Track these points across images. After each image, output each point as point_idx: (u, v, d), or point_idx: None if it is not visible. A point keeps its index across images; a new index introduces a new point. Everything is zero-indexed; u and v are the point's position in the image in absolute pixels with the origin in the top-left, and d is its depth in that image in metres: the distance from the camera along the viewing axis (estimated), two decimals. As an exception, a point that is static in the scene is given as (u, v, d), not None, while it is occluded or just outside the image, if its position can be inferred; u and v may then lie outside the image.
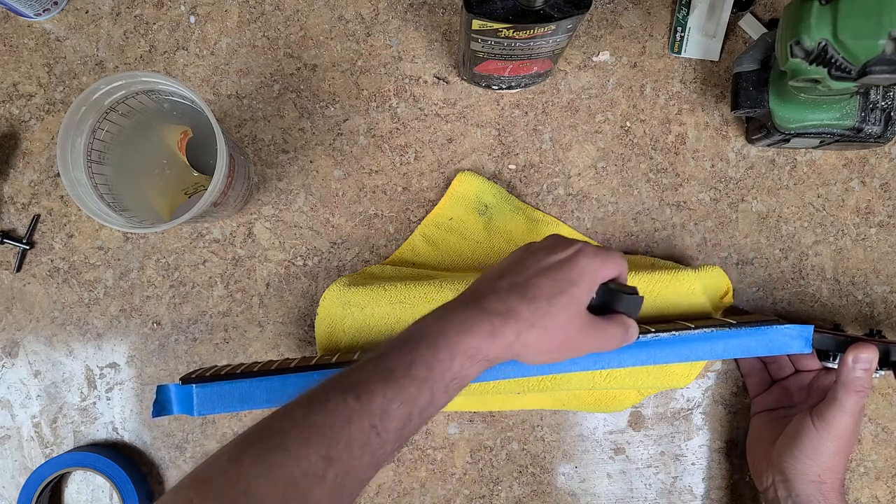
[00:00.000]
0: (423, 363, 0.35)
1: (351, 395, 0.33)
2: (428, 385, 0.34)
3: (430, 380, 0.34)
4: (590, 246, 0.40)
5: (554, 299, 0.37)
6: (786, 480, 0.49)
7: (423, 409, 0.34)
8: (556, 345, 0.38)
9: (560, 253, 0.40)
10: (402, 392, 0.34)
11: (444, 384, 0.35)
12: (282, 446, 0.31)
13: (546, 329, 0.37)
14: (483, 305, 0.37)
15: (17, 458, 0.58)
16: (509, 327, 0.36)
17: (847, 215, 0.59)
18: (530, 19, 0.44)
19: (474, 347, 0.36)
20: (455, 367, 0.35)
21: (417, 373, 0.34)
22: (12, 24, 0.58)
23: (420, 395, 0.34)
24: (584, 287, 0.39)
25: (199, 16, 0.58)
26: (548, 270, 0.39)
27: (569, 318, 0.38)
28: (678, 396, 0.59)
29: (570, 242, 0.41)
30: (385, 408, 0.33)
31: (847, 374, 0.47)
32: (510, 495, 0.59)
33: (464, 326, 0.36)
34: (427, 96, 0.59)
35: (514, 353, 0.37)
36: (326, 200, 0.58)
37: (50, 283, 0.58)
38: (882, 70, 0.40)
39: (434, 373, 0.35)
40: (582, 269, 0.39)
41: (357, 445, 0.32)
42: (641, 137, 0.59)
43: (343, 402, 0.33)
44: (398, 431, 0.34)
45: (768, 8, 0.59)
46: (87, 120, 0.47)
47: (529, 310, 0.37)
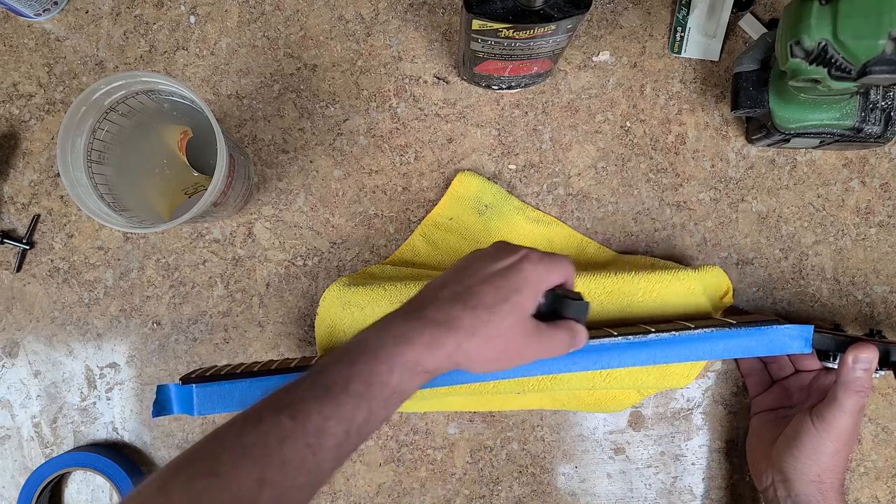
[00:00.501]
0: (361, 378, 0.34)
1: (285, 415, 0.32)
2: (366, 400, 0.34)
3: (368, 395, 0.34)
4: (535, 252, 0.40)
5: (496, 307, 0.37)
6: (785, 480, 0.49)
7: (361, 425, 0.34)
8: (499, 353, 0.38)
9: (504, 260, 0.39)
10: (340, 409, 0.33)
11: (382, 399, 0.34)
12: (211, 472, 0.30)
13: (488, 337, 0.37)
14: (423, 315, 0.37)
15: (17, 458, 0.58)
16: (450, 337, 0.36)
17: (847, 215, 0.59)
18: (530, 19, 0.44)
19: (413, 359, 0.35)
20: (394, 381, 0.35)
21: (355, 388, 0.34)
22: (12, 24, 0.58)
23: (358, 411, 0.33)
24: (527, 294, 0.38)
25: (199, 16, 0.58)
26: (491, 278, 0.38)
27: (511, 325, 0.37)
28: (678, 396, 0.59)
29: (515, 249, 0.40)
30: (321, 426, 0.32)
31: (847, 373, 0.47)
32: (510, 495, 0.59)
33: (403, 338, 0.35)
34: (427, 96, 0.59)
35: (456, 362, 0.37)
36: (326, 200, 0.58)
37: (50, 283, 0.58)
38: (882, 70, 0.40)
39: (373, 387, 0.34)
40: (526, 276, 0.38)
41: (292, 466, 0.31)
42: (641, 137, 0.59)
43: (277, 422, 0.32)
44: (336, 450, 0.33)
45: (768, 8, 0.59)
46: (87, 120, 0.47)
47: (470, 318, 0.36)
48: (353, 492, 0.59)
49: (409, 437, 0.59)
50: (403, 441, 0.59)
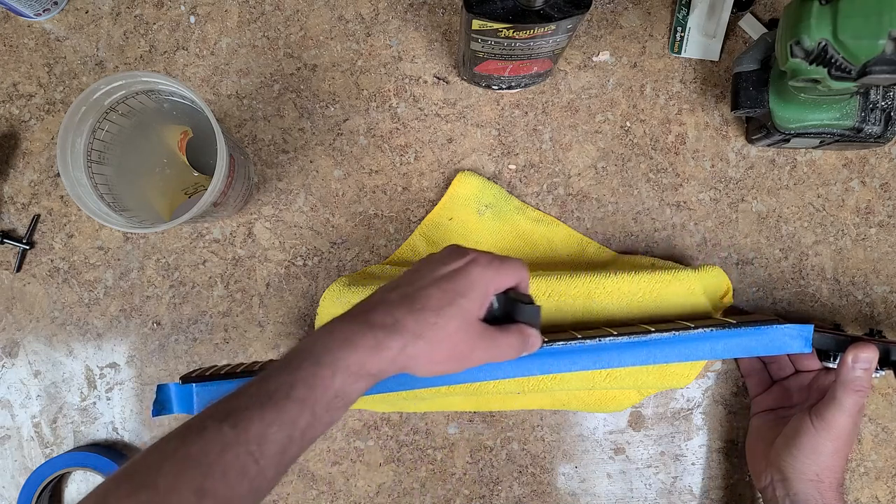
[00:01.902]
0: (304, 383, 0.34)
1: (227, 424, 0.32)
2: (309, 405, 0.34)
3: (311, 400, 0.34)
4: (485, 256, 0.40)
5: (442, 310, 0.37)
6: (784, 479, 0.49)
7: (304, 430, 0.34)
8: (445, 356, 0.38)
9: (453, 263, 0.39)
10: (282, 415, 0.33)
11: (325, 403, 0.34)
12: (150, 484, 0.30)
13: (433, 341, 0.37)
14: (369, 318, 0.37)
15: (17, 458, 0.58)
16: (394, 340, 0.36)
17: (847, 215, 0.59)
18: (530, 19, 0.44)
19: (357, 363, 0.35)
20: (337, 385, 0.35)
21: (298, 394, 0.34)
22: (12, 24, 0.58)
23: (300, 416, 0.33)
24: (474, 298, 0.38)
25: (199, 16, 0.58)
26: (439, 281, 0.38)
27: (457, 329, 0.37)
28: (678, 396, 0.59)
29: (465, 253, 0.40)
30: (263, 433, 0.32)
31: (846, 373, 0.47)
32: (510, 495, 0.59)
33: (347, 342, 0.35)
34: (427, 96, 0.59)
35: (401, 365, 0.37)
36: (326, 200, 0.58)
37: (50, 283, 0.58)
38: (882, 70, 0.40)
39: (316, 392, 0.34)
40: (473, 279, 0.38)
41: (234, 475, 0.31)
42: (641, 137, 0.59)
43: (219, 430, 0.32)
44: (278, 456, 0.33)
45: (768, 8, 0.59)
46: (87, 120, 0.47)
47: (416, 321, 0.36)
48: (353, 492, 0.59)
49: (409, 437, 0.59)
50: (403, 441, 0.59)
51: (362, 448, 0.58)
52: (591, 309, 0.52)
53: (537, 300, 0.51)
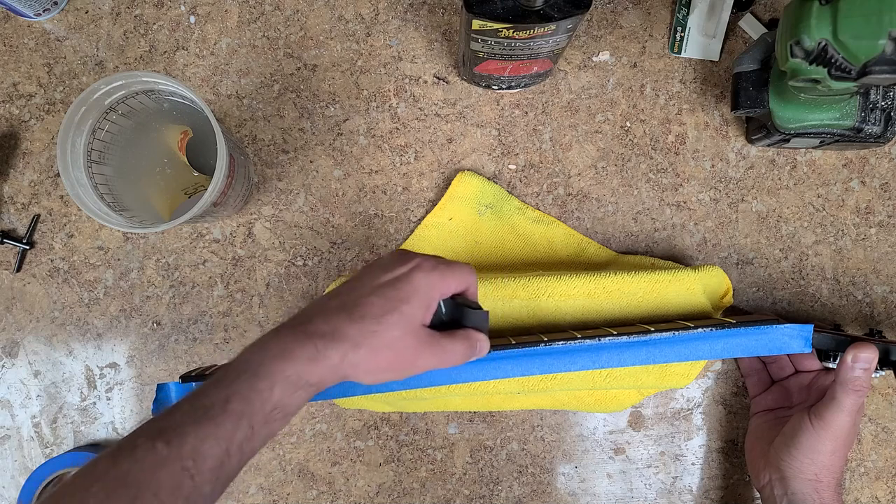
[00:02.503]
0: (240, 396, 0.33)
1: (161, 441, 0.31)
2: (246, 419, 0.33)
3: (247, 413, 0.33)
4: (430, 261, 0.39)
5: (383, 318, 0.37)
6: (782, 479, 0.49)
7: (242, 444, 0.33)
8: (388, 364, 0.37)
9: (396, 270, 0.39)
10: (218, 430, 0.32)
11: (263, 415, 0.34)
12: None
13: (374, 348, 0.36)
14: (307, 328, 0.36)
15: (17, 458, 0.58)
16: (333, 349, 0.35)
17: (847, 215, 0.59)
18: (530, 19, 0.44)
19: (296, 373, 0.35)
20: (275, 397, 0.34)
21: (234, 407, 0.33)
22: (12, 24, 0.58)
23: (237, 430, 0.33)
24: (416, 304, 0.38)
25: (199, 16, 0.58)
26: (381, 288, 0.38)
27: (399, 336, 0.37)
28: (678, 396, 0.59)
29: (410, 259, 0.39)
30: (198, 449, 0.32)
31: (846, 373, 0.47)
32: (510, 495, 0.59)
33: (285, 352, 0.35)
34: (427, 96, 0.59)
35: (343, 374, 0.36)
36: (326, 200, 0.58)
37: (50, 283, 0.58)
38: (882, 70, 0.40)
39: (253, 405, 0.33)
40: (416, 286, 0.38)
41: (167, 493, 0.31)
42: (641, 137, 0.59)
43: (151, 448, 0.31)
44: (215, 471, 0.32)
45: (768, 8, 0.59)
46: (87, 120, 0.47)
47: (356, 329, 0.36)
48: (353, 492, 0.59)
49: (409, 437, 0.59)
50: (403, 441, 0.59)
51: (362, 448, 0.58)
52: (592, 309, 0.52)
53: (538, 300, 0.51)
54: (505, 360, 0.47)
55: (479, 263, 0.58)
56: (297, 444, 0.58)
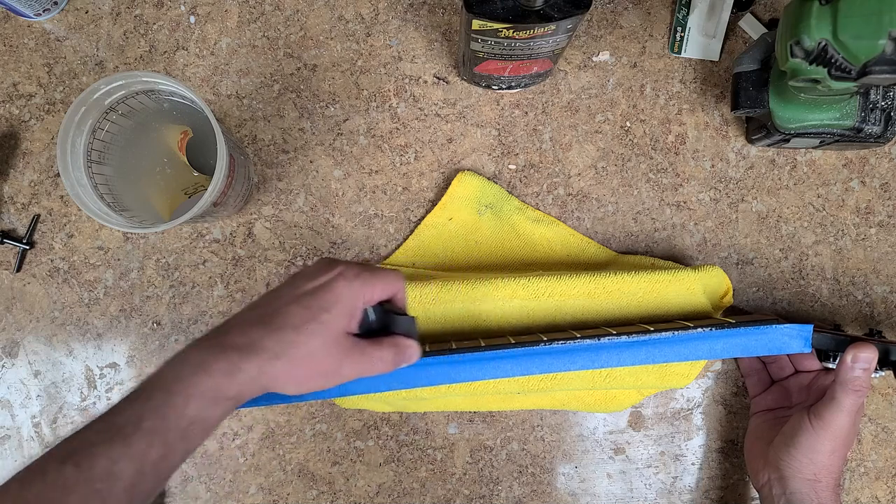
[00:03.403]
0: (154, 413, 0.33)
1: (70, 463, 0.31)
2: (160, 436, 0.33)
3: (162, 430, 0.33)
4: (353, 269, 0.39)
5: (303, 327, 0.36)
6: (781, 478, 0.49)
7: (156, 463, 0.33)
8: (309, 373, 0.37)
9: (319, 278, 0.38)
10: (130, 449, 0.32)
11: (179, 431, 0.33)
12: None
13: (294, 359, 0.36)
14: (224, 341, 0.36)
15: (17, 458, 0.58)
16: (250, 362, 0.35)
17: (847, 215, 0.59)
18: (530, 19, 0.44)
19: (212, 388, 0.34)
20: (191, 412, 0.34)
21: (148, 425, 0.33)
22: (12, 24, 0.58)
23: (151, 448, 0.32)
24: (339, 312, 0.37)
25: (199, 16, 0.58)
26: (301, 297, 0.37)
27: (321, 345, 0.37)
28: (678, 396, 0.59)
29: (333, 266, 0.39)
30: (109, 470, 0.31)
31: (846, 373, 0.47)
32: (510, 495, 0.59)
33: (200, 367, 0.34)
34: (427, 96, 0.59)
35: (263, 385, 0.36)
36: (326, 200, 0.58)
37: (50, 283, 0.58)
38: (882, 70, 0.40)
39: (167, 422, 0.33)
40: (338, 294, 0.38)
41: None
42: (641, 137, 0.59)
43: (60, 472, 0.31)
44: (128, 491, 0.32)
45: (768, 8, 0.59)
46: (87, 120, 0.47)
47: (274, 340, 0.36)
48: (353, 492, 0.59)
49: (409, 437, 0.59)
50: (403, 441, 0.59)
51: (362, 448, 0.59)
52: (591, 309, 0.52)
53: (538, 300, 0.51)
54: (504, 360, 0.47)
55: (479, 263, 0.58)
56: (297, 444, 0.58)
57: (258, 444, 0.58)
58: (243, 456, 0.58)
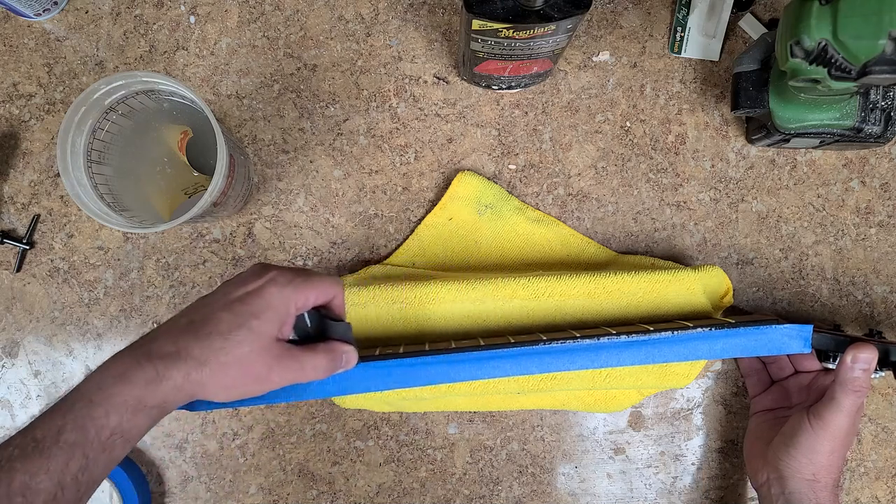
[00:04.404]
0: (74, 425, 0.32)
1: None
2: (80, 449, 0.32)
3: (81, 443, 0.32)
4: (285, 274, 0.39)
5: (231, 334, 0.36)
6: (780, 478, 0.49)
7: (76, 475, 0.32)
8: (238, 380, 0.36)
9: (250, 284, 0.38)
10: (49, 463, 0.31)
11: (100, 443, 0.33)
12: None
13: (221, 365, 0.35)
14: (150, 348, 0.35)
15: (17, 458, 0.58)
16: (175, 369, 0.35)
17: (847, 215, 0.59)
18: (530, 19, 0.44)
19: (135, 397, 0.34)
20: (113, 423, 0.33)
21: (67, 438, 0.32)
22: (12, 24, 0.58)
23: (71, 461, 0.32)
24: (269, 318, 0.37)
25: (199, 16, 0.58)
26: (231, 304, 0.37)
27: (249, 351, 0.36)
28: (678, 396, 0.59)
29: (265, 272, 0.39)
30: (27, 484, 0.31)
31: (845, 373, 0.47)
32: (510, 495, 0.59)
33: (122, 377, 0.34)
34: (427, 96, 0.59)
35: (189, 393, 0.35)
36: (326, 200, 0.58)
37: (50, 283, 0.58)
38: (882, 70, 0.40)
39: (87, 434, 0.33)
40: (268, 300, 0.37)
41: None
42: (641, 137, 0.59)
43: None
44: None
45: (768, 8, 0.59)
46: (87, 120, 0.47)
47: (201, 347, 0.35)
48: (353, 492, 0.59)
49: (409, 437, 0.59)
50: (403, 441, 0.59)
51: (362, 448, 0.59)
52: (591, 309, 0.52)
53: (538, 300, 0.51)
54: (504, 360, 0.47)
55: (479, 263, 0.58)
56: (297, 444, 0.58)
57: (258, 444, 0.58)
58: (243, 456, 0.58)
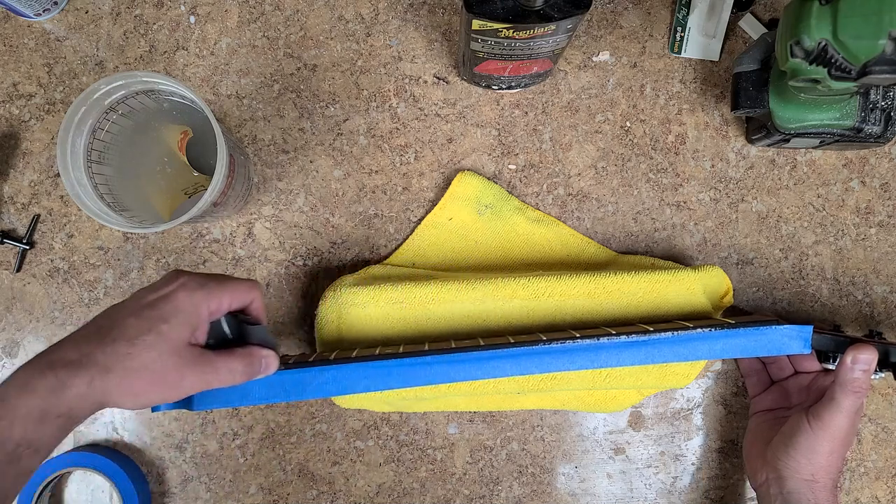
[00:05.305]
0: None
1: None
2: None
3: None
4: (197, 279, 0.38)
5: (138, 339, 0.35)
6: (779, 478, 0.49)
7: None
8: (147, 387, 0.36)
9: (161, 290, 0.38)
10: None
11: (6, 456, 0.32)
12: None
13: (127, 372, 0.35)
14: (53, 357, 0.35)
15: (18, 458, 0.58)
16: (78, 377, 0.34)
17: (847, 215, 0.59)
18: (530, 19, 0.44)
19: (38, 407, 0.33)
20: (17, 435, 0.32)
21: None
22: (12, 24, 0.58)
23: None
24: (179, 323, 0.36)
25: (199, 16, 0.58)
26: (140, 310, 0.37)
27: (157, 357, 0.36)
28: (678, 396, 0.59)
29: (176, 278, 0.38)
30: None
31: (845, 374, 0.47)
32: (510, 495, 0.59)
33: (25, 386, 0.33)
34: (427, 96, 0.59)
35: (97, 401, 0.35)
36: (326, 200, 0.58)
37: (50, 283, 0.58)
38: (882, 70, 0.40)
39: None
40: (177, 304, 0.37)
41: None
42: (641, 137, 0.59)
43: None
44: None
45: (768, 8, 0.59)
46: (87, 120, 0.47)
47: (106, 354, 0.35)
48: (353, 492, 0.59)
49: (409, 437, 0.59)
50: (403, 441, 0.59)
51: (362, 448, 0.59)
52: (591, 309, 0.52)
53: (538, 300, 0.51)
54: (504, 360, 0.47)
55: (479, 263, 0.58)
56: (297, 444, 0.58)
57: (258, 444, 0.58)
58: (243, 456, 0.58)
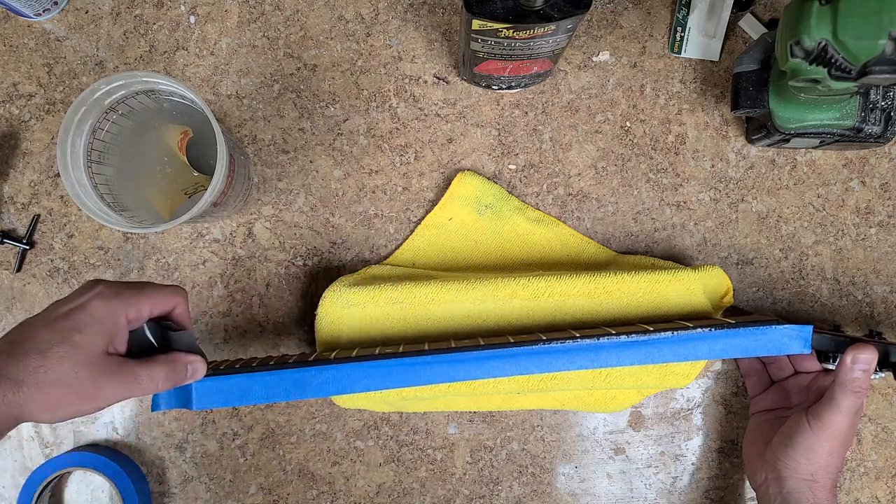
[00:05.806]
0: None
1: None
2: None
3: None
4: (113, 287, 0.38)
5: (50, 351, 0.35)
6: (778, 478, 0.49)
7: None
8: (62, 399, 0.35)
9: (75, 300, 0.37)
10: None
11: None
12: None
13: (41, 385, 0.34)
14: None
15: (17, 458, 0.58)
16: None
17: (847, 215, 0.59)
18: (530, 19, 0.44)
19: None
20: None
21: None
22: (12, 24, 0.58)
23: None
24: (92, 332, 0.36)
25: (199, 16, 0.58)
26: (54, 321, 0.36)
27: (71, 368, 0.35)
28: (678, 396, 0.59)
29: (92, 287, 0.38)
30: None
31: (845, 374, 0.47)
32: (510, 495, 0.59)
33: None
34: (427, 96, 0.59)
35: (11, 415, 0.34)
36: (326, 200, 0.58)
37: (50, 283, 0.58)
38: (882, 70, 0.40)
39: None
40: (93, 313, 0.36)
41: None
42: (641, 137, 0.59)
43: None
44: None
45: (768, 8, 0.59)
46: (87, 120, 0.47)
47: (17, 367, 0.34)
48: (353, 492, 0.59)
49: (409, 437, 0.59)
50: (403, 441, 0.59)
51: (362, 448, 0.59)
52: (591, 309, 0.52)
53: (538, 300, 0.51)
54: (504, 360, 0.47)
55: (479, 263, 0.58)
56: (297, 444, 0.58)
57: (258, 444, 0.58)
58: (243, 456, 0.58)
